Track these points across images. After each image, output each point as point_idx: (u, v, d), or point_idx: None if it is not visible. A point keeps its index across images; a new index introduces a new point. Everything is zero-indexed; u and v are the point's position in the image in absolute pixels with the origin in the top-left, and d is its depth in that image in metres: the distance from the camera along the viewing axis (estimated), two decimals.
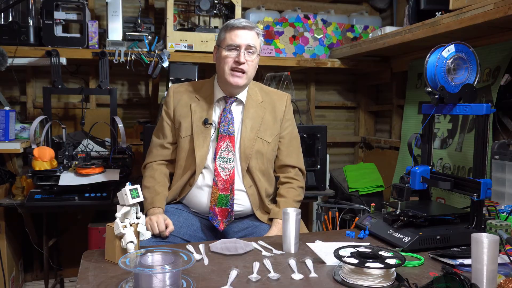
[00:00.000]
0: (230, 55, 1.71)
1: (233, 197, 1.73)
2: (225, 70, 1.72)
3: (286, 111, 1.86)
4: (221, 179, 1.73)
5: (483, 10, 1.81)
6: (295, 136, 1.90)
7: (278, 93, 1.91)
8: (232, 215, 1.74)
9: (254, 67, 1.76)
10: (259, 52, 1.77)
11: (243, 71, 1.71)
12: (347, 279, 1.18)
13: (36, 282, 2.91)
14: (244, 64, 1.70)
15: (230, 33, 1.71)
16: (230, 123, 1.76)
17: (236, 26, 1.71)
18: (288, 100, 1.89)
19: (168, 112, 1.83)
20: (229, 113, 1.78)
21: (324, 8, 3.38)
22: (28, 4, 2.57)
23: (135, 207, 1.34)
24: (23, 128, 2.53)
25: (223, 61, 1.72)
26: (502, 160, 1.93)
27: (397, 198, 1.63)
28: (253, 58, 1.73)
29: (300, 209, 1.47)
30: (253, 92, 1.84)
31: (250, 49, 1.71)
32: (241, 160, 1.76)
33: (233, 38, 1.70)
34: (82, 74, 2.99)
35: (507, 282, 1.10)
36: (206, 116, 1.77)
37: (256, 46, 1.73)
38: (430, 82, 1.61)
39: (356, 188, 3.04)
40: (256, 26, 1.76)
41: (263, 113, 1.81)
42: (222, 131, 1.75)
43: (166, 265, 1.11)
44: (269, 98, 1.86)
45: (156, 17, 3.07)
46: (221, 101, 1.81)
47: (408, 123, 2.87)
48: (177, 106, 1.82)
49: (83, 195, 2.24)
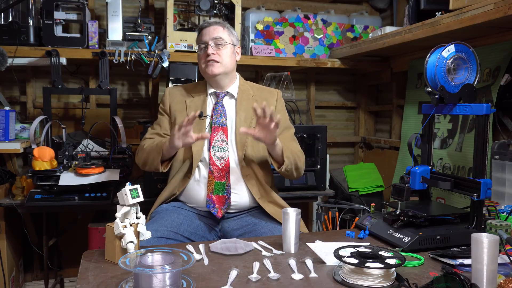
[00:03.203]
0: (202, 53, 1.86)
1: (229, 184, 1.79)
2: (201, 66, 1.88)
3: (277, 103, 1.97)
4: (216, 168, 1.79)
5: (483, 10, 1.81)
6: (288, 126, 1.96)
7: (269, 89, 2.03)
8: (229, 203, 1.79)
9: (228, 55, 1.86)
10: (231, 42, 1.87)
11: (215, 60, 1.82)
12: (347, 279, 1.18)
13: (36, 282, 2.91)
14: (214, 55, 1.82)
15: (199, 35, 1.90)
16: (222, 115, 1.86)
17: (201, 27, 1.89)
18: (278, 94, 2.00)
19: (165, 109, 1.94)
20: (220, 106, 1.88)
21: (324, 8, 3.38)
22: (28, 4, 2.57)
23: (135, 207, 1.34)
24: (23, 128, 2.53)
25: (199, 60, 1.90)
26: (502, 160, 1.93)
27: (397, 198, 1.63)
28: (222, 48, 1.83)
29: (300, 209, 1.48)
30: (244, 88, 1.95)
31: (216, 41, 1.83)
32: (237, 149, 1.83)
33: (200, 38, 1.88)
34: (82, 74, 2.99)
35: (507, 282, 1.10)
36: (201, 109, 1.86)
37: (223, 37, 1.84)
38: (430, 82, 1.61)
39: (356, 188, 3.04)
40: (222, 22, 1.91)
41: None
42: (215, 123, 1.84)
43: (166, 265, 1.11)
44: (261, 93, 1.97)
45: (156, 17, 3.07)
46: (213, 95, 1.92)
47: (408, 123, 2.87)
48: (172, 102, 1.93)
49: (83, 195, 2.24)
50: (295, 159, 1.81)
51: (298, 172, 1.87)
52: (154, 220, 1.74)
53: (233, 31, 1.91)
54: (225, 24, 1.89)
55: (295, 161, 1.81)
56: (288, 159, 1.76)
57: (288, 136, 1.92)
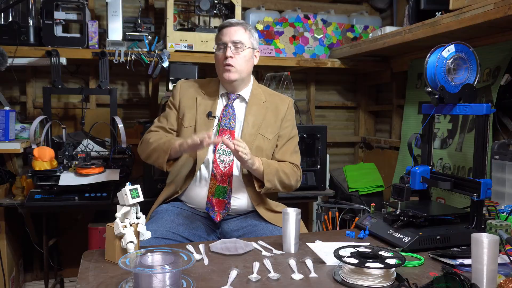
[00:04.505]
0: (220, 53, 1.81)
1: (231, 189, 1.77)
2: (219, 68, 1.82)
3: (287, 112, 1.92)
4: (219, 171, 1.77)
5: (483, 10, 1.81)
6: (294, 136, 1.93)
7: (281, 96, 1.98)
8: (229, 207, 1.77)
9: (245, 61, 1.80)
10: (251, 46, 1.82)
11: (232, 65, 1.77)
12: (347, 279, 1.18)
13: (36, 282, 2.91)
14: (231, 59, 1.77)
15: (219, 33, 1.83)
16: (231, 118, 1.82)
17: (222, 26, 1.83)
18: (290, 103, 1.95)
19: (174, 103, 1.90)
20: (230, 108, 1.84)
21: (324, 8, 3.38)
22: (28, 4, 2.57)
23: (135, 207, 1.34)
24: (23, 128, 2.53)
25: (216, 60, 1.84)
26: (502, 160, 1.93)
27: (397, 198, 1.63)
28: (241, 52, 1.78)
29: (300, 209, 1.48)
30: (257, 92, 1.91)
31: (236, 45, 1.78)
32: None
33: (220, 37, 1.82)
34: (82, 74, 2.99)
35: (507, 282, 1.10)
36: (210, 109, 1.83)
37: (243, 41, 1.79)
38: (430, 82, 1.61)
39: (356, 188, 3.04)
40: (245, 22, 1.84)
41: (265, 111, 1.87)
42: (223, 125, 1.81)
43: (166, 265, 1.11)
44: (272, 99, 1.92)
45: (156, 17, 3.07)
46: (224, 96, 1.89)
47: (408, 123, 2.87)
48: (183, 97, 1.89)
49: (83, 195, 2.24)
50: (280, 180, 1.77)
51: (287, 189, 1.84)
52: (153, 221, 1.73)
53: (254, 33, 1.85)
54: (247, 25, 1.83)
55: (281, 181, 1.78)
56: (270, 183, 1.73)
57: (290, 148, 1.89)
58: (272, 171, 1.75)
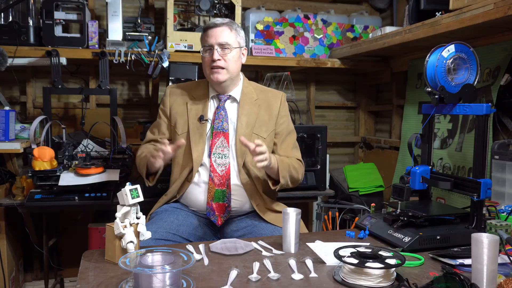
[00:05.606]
0: (207, 56, 1.78)
1: (230, 192, 1.76)
2: (206, 71, 1.81)
3: (281, 108, 1.90)
4: (217, 175, 1.76)
5: (483, 10, 1.81)
6: (291, 131, 1.92)
7: (273, 91, 1.95)
8: (230, 210, 1.77)
9: (234, 61, 1.78)
10: (237, 46, 1.80)
11: (221, 67, 1.75)
12: (347, 279, 1.18)
13: (36, 282, 2.91)
14: (219, 61, 1.75)
15: (204, 35, 1.81)
16: (224, 120, 1.81)
17: (207, 27, 1.80)
18: (283, 97, 1.93)
19: (165, 110, 1.89)
20: (222, 110, 1.82)
21: (324, 8, 3.38)
22: (28, 4, 2.57)
23: (135, 207, 1.34)
24: (23, 128, 2.53)
25: (203, 63, 1.81)
26: (502, 160, 1.93)
27: (397, 198, 1.63)
28: (228, 53, 1.76)
29: (300, 209, 1.48)
30: (247, 90, 1.88)
31: (222, 46, 1.75)
32: (237, 156, 1.79)
33: (205, 39, 1.79)
34: (82, 74, 2.99)
35: (507, 282, 1.10)
36: (201, 113, 1.81)
37: (229, 42, 1.76)
38: (430, 82, 1.61)
39: (356, 188, 3.04)
40: (230, 21, 1.80)
41: (258, 110, 1.85)
42: (216, 128, 1.80)
43: (166, 265, 1.11)
44: (264, 96, 1.90)
45: (156, 17, 3.07)
46: (215, 98, 1.86)
47: (408, 123, 2.87)
48: (173, 104, 1.87)
49: (83, 195, 2.24)
50: (291, 175, 1.78)
51: (295, 184, 1.84)
52: (152, 222, 1.73)
53: (240, 32, 1.83)
54: (233, 24, 1.80)
55: (292, 176, 1.78)
56: (284, 179, 1.73)
57: (290, 143, 1.90)
58: (286, 167, 1.75)
